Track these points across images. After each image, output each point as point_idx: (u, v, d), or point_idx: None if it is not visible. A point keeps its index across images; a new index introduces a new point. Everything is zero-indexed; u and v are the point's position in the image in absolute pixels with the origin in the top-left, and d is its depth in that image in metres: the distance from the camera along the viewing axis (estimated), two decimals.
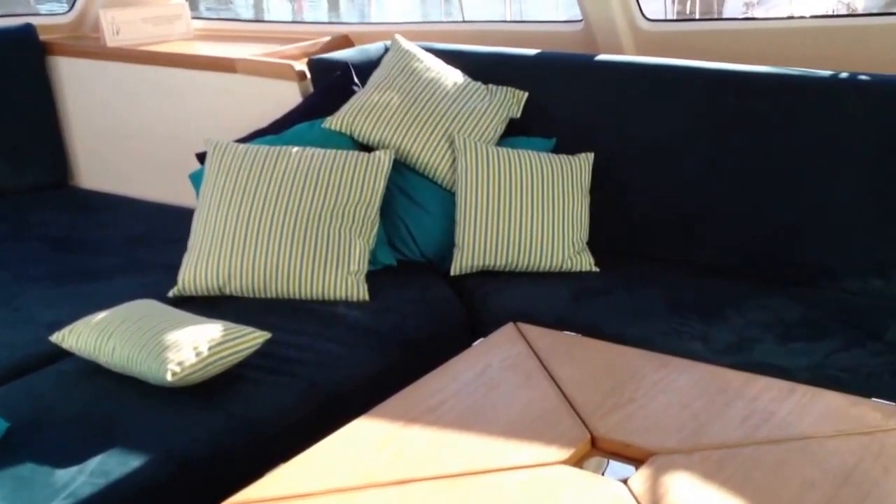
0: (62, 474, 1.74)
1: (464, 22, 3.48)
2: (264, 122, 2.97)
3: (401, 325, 2.38)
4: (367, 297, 2.48)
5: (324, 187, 2.55)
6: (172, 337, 2.04)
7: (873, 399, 1.81)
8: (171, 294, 2.52)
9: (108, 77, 3.49)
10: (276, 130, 2.84)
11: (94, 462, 1.78)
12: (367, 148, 2.76)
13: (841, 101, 2.49)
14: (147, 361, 1.99)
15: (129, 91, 3.45)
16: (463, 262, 2.60)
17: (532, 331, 2.13)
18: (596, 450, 1.70)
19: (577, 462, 1.66)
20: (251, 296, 2.50)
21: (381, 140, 2.73)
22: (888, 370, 2.06)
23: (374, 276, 2.57)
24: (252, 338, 2.10)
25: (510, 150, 2.69)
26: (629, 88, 2.77)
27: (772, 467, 1.58)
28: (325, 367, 2.17)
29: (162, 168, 3.42)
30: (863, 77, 2.48)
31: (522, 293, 2.51)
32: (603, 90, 2.79)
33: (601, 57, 2.83)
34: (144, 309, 2.18)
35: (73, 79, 3.58)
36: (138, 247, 2.98)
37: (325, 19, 15.15)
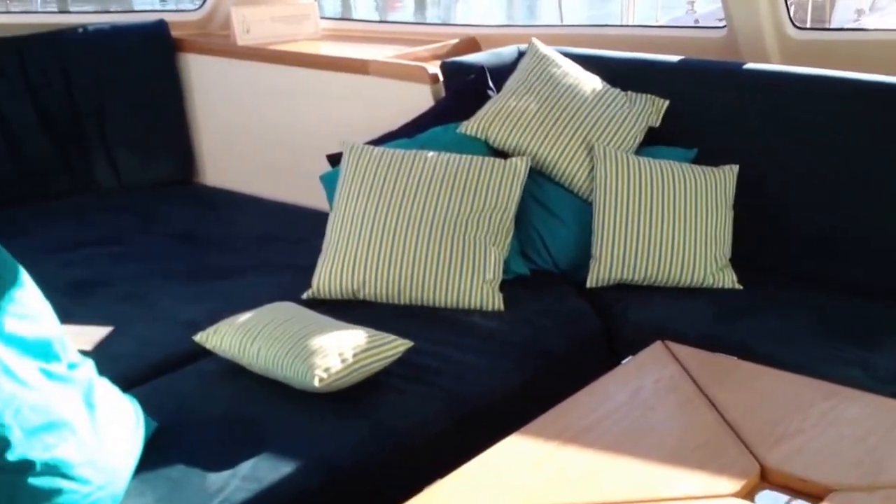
0: (214, 478, 1.72)
1: (597, 26, 3.39)
2: (395, 125, 2.95)
3: (538, 338, 2.32)
4: (502, 307, 2.43)
5: (460, 193, 2.51)
6: (318, 342, 2.01)
7: None
8: (305, 296, 2.50)
9: (238, 75, 3.51)
10: (409, 134, 2.81)
11: (245, 466, 1.76)
12: (503, 154, 2.71)
13: None
14: (293, 366, 1.97)
15: (257, 90, 3.47)
16: (600, 274, 2.53)
17: (682, 350, 2.05)
18: (766, 483, 1.61)
19: (748, 495, 1.58)
20: (385, 301, 2.47)
21: (518, 146, 2.68)
22: None
23: (507, 286, 2.51)
24: (395, 345, 2.07)
25: (651, 159, 2.62)
26: (777, 98, 2.66)
27: None
28: (464, 379, 2.13)
29: (288, 168, 3.42)
30: None
31: (663, 309, 2.43)
32: (749, 100, 2.69)
33: (749, 65, 2.73)
34: (286, 312, 2.17)
35: (202, 76, 3.61)
36: (266, 246, 2.98)
37: (412, 19, 15.10)
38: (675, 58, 2.85)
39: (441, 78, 2.99)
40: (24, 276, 1.72)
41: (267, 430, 1.88)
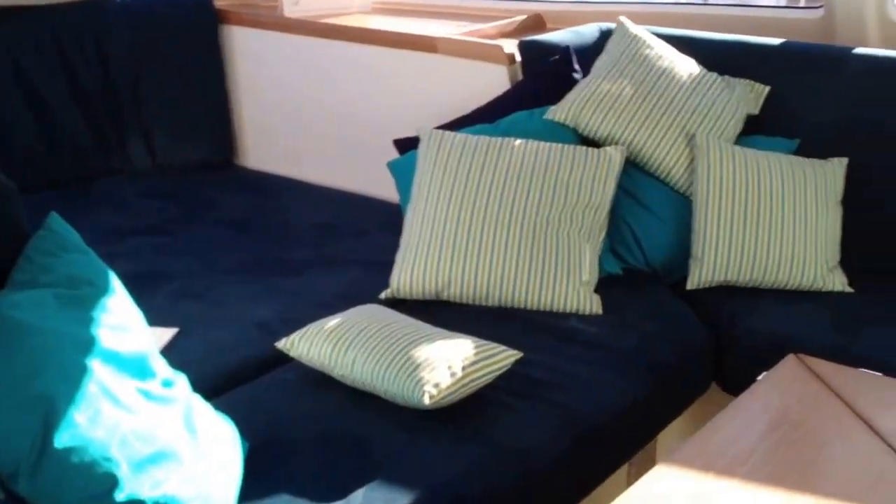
0: None
1: (680, 3, 3.19)
2: (466, 109, 2.74)
3: (645, 346, 2.13)
4: (600, 311, 2.24)
5: (551, 186, 2.31)
6: (422, 353, 1.82)
7: None
8: (383, 296, 2.31)
9: (285, 50, 3.28)
10: (489, 119, 2.60)
11: (359, 495, 1.57)
12: (593, 143, 2.51)
13: None
14: (398, 380, 1.77)
15: (308, 66, 3.24)
16: (702, 275, 2.34)
17: (821, 366, 1.86)
18: None
19: None
20: (471, 303, 2.27)
21: (611, 135, 2.47)
22: None
23: (601, 287, 2.31)
24: (505, 357, 1.87)
25: (754, 151, 2.42)
26: (886, 86, 2.46)
27: None
28: (575, 393, 1.93)
29: (342, 152, 3.20)
30: None
31: (775, 315, 2.24)
32: (855, 87, 2.49)
33: (859, 50, 2.53)
34: (378, 317, 1.97)
35: (246, 50, 3.38)
36: (327, 238, 2.78)
37: None
38: (774, 40, 2.64)
39: (518, 58, 2.77)
40: (115, 281, 1.52)
41: (375, 452, 1.69)
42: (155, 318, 2.22)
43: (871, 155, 2.45)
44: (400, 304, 2.27)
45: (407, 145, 2.68)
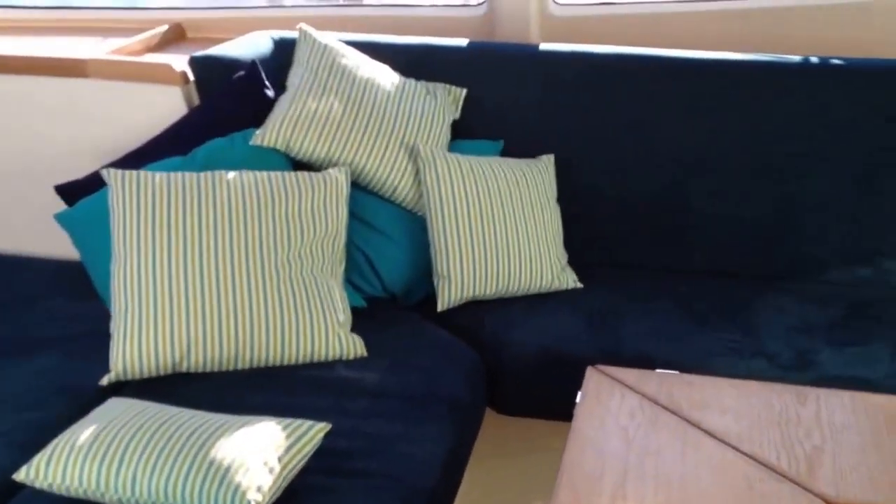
0: None
1: (331, 6, 2.99)
2: (139, 140, 2.36)
3: (434, 385, 1.94)
4: (364, 352, 2.02)
5: (282, 221, 2.03)
6: (225, 452, 1.49)
7: None
8: (105, 381, 1.89)
9: None
10: (176, 150, 2.24)
11: None
12: (309, 167, 2.26)
13: (817, 87, 2.40)
14: (206, 492, 1.44)
15: None
16: (451, 294, 2.20)
17: (625, 375, 1.82)
18: None
19: None
20: (219, 370, 1.94)
21: (328, 157, 2.24)
22: None
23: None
24: (314, 433, 1.60)
25: (477, 157, 2.33)
26: (580, 80, 2.49)
27: None
28: (391, 456, 1.70)
29: None
30: (836, 61, 2.41)
31: (532, 325, 2.17)
32: (552, 83, 2.49)
33: (546, 46, 2.53)
34: (142, 415, 1.59)
35: None
36: None
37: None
38: (461, 41, 2.56)
39: (192, 77, 2.41)
40: None
41: None
42: None
43: (572, 149, 2.47)
44: (126, 387, 1.88)
45: (73, 191, 2.25)
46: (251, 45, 2.50)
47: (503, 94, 2.50)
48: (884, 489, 1.47)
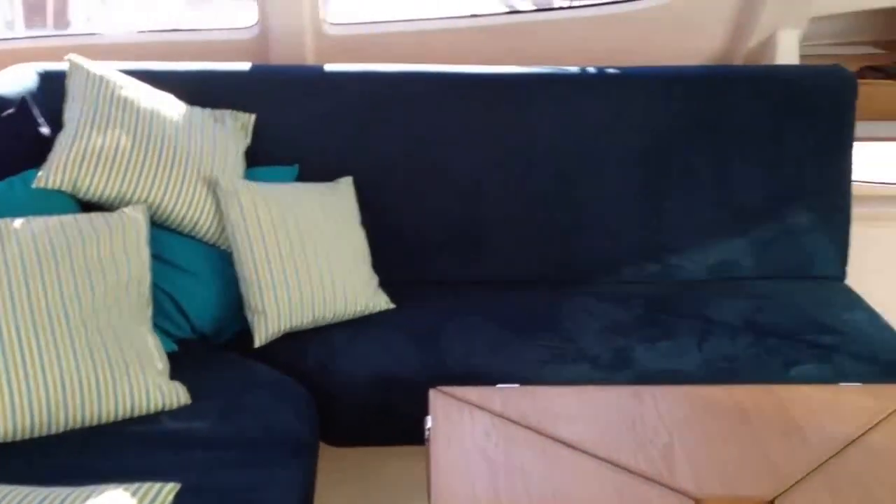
0: None
1: (86, 34, 2.78)
2: None
3: (266, 426, 1.84)
4: (188, 400, 1.89)
5: (82, 269, 1.86)
6: None
7: (841, 384, 1.89)
8: None
9: None
10: None
11: None
12: (99, 208, 2.09)
13: (588, 95, 2.51)
14: None
15: None
16: (268, 328, 2.11)
17: (468, 393, 1.81)
18: None
19: None
20: (26, 437, 1.74)
21: (120, 195, 2.08)
22: (763, 349, 2.16)
23: None
24: (165, 494, 1.47)
25: (277, 184, 2.24)
26: (364, 100, 2.47)
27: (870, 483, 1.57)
28: None
29: None
30: (612, 71, 2.54)
31: (357, 352, 2.13)
32: (337, 105, 2.45)
33: (330, 67, 2.48)
34: None
35: None
36: None
37: None
38: (243, 65, 2.46)
39: None
40: None
41: None
42: None
43: (366, 169, 2.45)
44: None
45: None
46: (16, 81, 2.28)
47: (292, 118, 2.44)
48: (743, 479, 1.55)
